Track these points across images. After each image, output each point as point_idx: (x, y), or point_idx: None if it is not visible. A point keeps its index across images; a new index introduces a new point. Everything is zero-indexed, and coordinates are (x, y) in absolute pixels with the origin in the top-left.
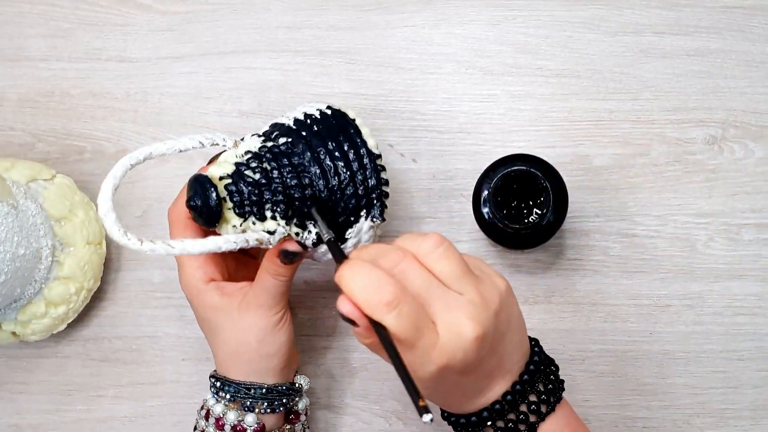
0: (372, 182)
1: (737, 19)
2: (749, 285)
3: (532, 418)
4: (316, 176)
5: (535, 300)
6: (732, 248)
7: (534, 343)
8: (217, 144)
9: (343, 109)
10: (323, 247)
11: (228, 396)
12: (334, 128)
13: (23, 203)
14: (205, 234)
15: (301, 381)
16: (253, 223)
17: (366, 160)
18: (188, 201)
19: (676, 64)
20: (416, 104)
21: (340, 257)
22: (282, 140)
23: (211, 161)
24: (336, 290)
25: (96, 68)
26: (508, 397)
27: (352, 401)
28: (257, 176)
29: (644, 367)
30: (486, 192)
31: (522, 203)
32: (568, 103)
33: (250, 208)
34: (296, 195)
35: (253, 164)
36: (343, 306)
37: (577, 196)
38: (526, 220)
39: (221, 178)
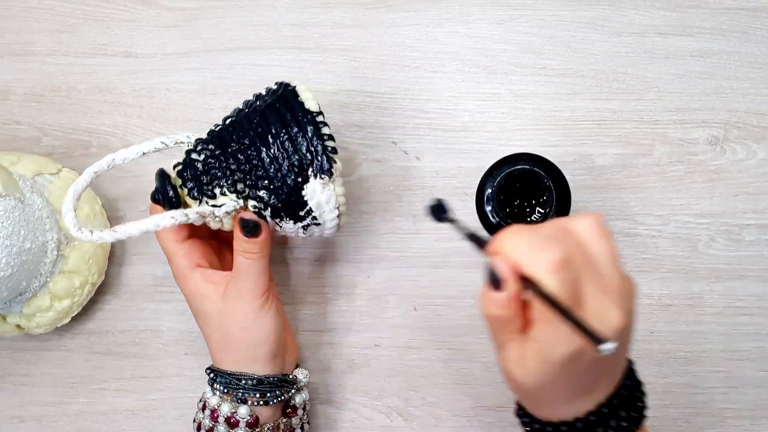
0: (311, 140)
1: (740, 20)
2: (750, 285)
3: None
4: (255, 146)
5: None
6: (733, 248)
7: (629, 362)
8: (182, 142)
9: (287, 80)
10: (290, 223)
11: (221, 387)
12: (274, 97)
13: (29, 197)
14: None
15: (299, 374)
16: (207, 203)
17: (302, 119)
18: (151, 196)
19: (680, 64)
20: (420, 102)
21: (482, 244)
22: (228, 121)
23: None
24: (338, 287)
25: (102, 63)
26: (605, 409)
27: (353, 397)
28: (202, 157)
29: (645, 367)
30: (489, 190)
31: (525, 202)
32: (572, 103)
33: (199, 189)
34: (241, 167)
35: (199, 147)
36: (500, 264)
37: (579, 195)
38: (528, 219)
39: (174, 168)
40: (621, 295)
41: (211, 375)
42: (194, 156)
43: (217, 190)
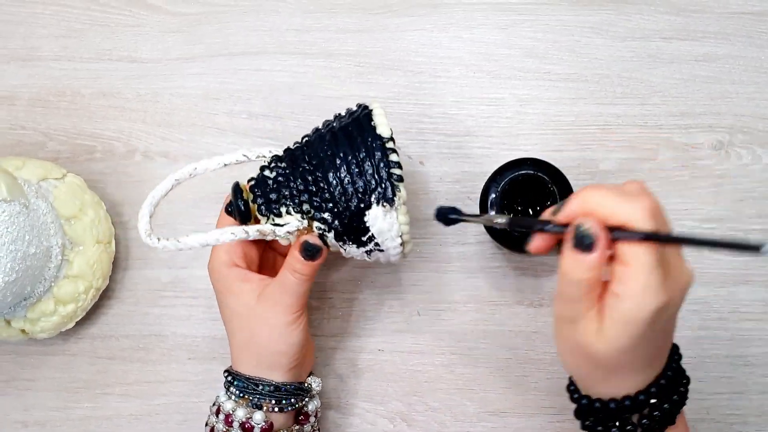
0: (377, 165)
1: (745, 24)
2: (756, 290)
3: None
4: (323, 167)
5: (541, 303)
6: (738, 254)
7: (675, 347)
8: (264, 156)
9: (366, 102)
10: (353, 246)
11: (237, 391)
12: (350, 119)
13: (34, 202)
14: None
15: (312, 382)
16: (273, 220)
17: (371, 144)
18: (225, 208)
19: (684, 69)
20: (424, 107)
21: (533, 223)
22: (304, 140)
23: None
24: (342, 292)
25: (107, 68)
26: (653, 389)
27: (358, 402)
28: (273, 174)
29: None
30: (493, 195)
31: (529, 207)
32: (576, 108)
33: (267, 206)
34: (307, 193)
35: (272, 164)
36: (589, 223)
37: None
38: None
39: (248, 182)
40: (683, 257)
41: (228, 378)
42: (267, 173)
43: (284, 209)
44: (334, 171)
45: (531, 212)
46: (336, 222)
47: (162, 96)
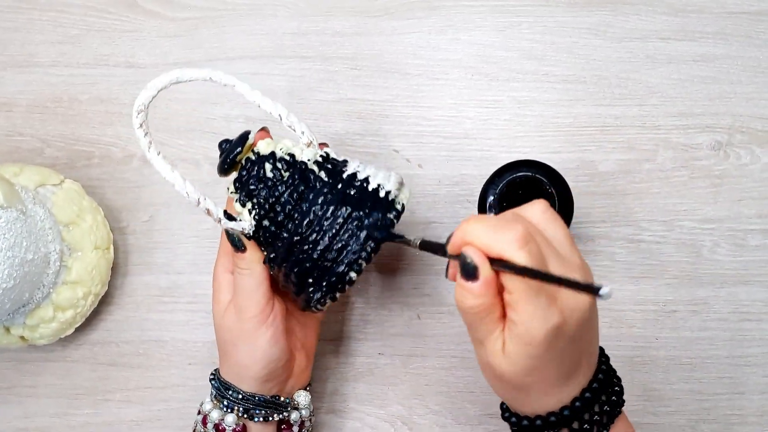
0: (345, 255)
1: (743, 24)
2: (755, 291)
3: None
4: (300, 217)
5: None
6: (738, 254)
7: (601, 350)
8: (293, 130)
9: (398, 200)
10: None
11: (214, 392)
12: (363, 203)
13: (32, 208)
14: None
15: (299, 398)
16: (236, 201)
17: (349, 246)
18: (221, 141)
19: (682, 69)
20: (422, 110)
21: (438, 247)
22: (321, 174)
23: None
24: (342, 296)
25: (104, 74)
26: (577, 403)
27: (357, 406)
28: (270, 174)
29: (650, 373)
30: (491, 198)
31: None
32: (574, 109)
33: (242, 187)
34: (274, 216)
35: (279, 165)
36: (470, 251)
37: (582, 201)
38: None
39: (253, 150)
40: (583, 270)
41: (211, 377)
42: (267, 164)
43: (249, 205)
44: (304, 230)
45: None
46: (273, 255)
47: (160, 101)
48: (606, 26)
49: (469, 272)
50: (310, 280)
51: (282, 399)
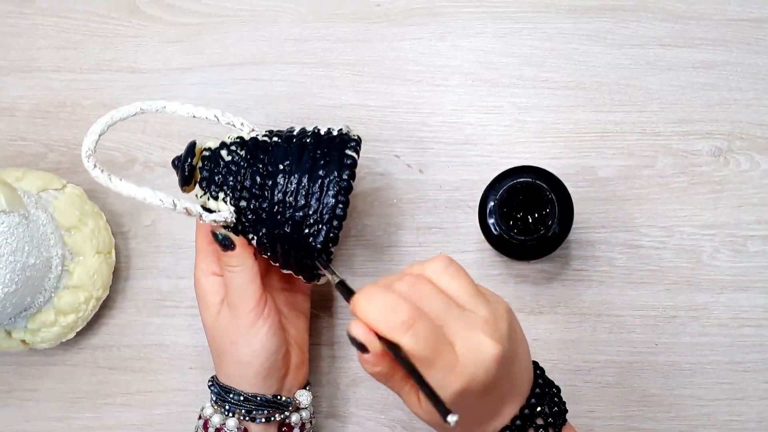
0: (323, 206)
1: (743, 31)
2: (755, 296)
3: None
4: (274, 178)
5: (541, 310)
6: (738, 260)
7: (535, 365)
8: (233, 125)
9: (352, 133)
10: (266, 256)
11: (214, 398)
12: (323, 140)
13: (34, 213)
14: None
15: (300, 396)
16: (208, 199)
17: (331, 178)
18: (173, 159)
19: (682, 76)
20: (423, 116)
21: (350, 295)
22: (274, 139)
23: None
24: (342, 300)
25: (107, 79)
26: (518, 421)
27: (357, 410)
28: (228, 158)
29: (650, 378)
30: (492, 203)
31: (528, 214)
32: (574, 115)
33: (208, 183)
34: (248, 193)
35: (233, 148)
36: (356, 329)
37: (582, 207)
38: (532, 231)
39: (204, 149)
40: (489, 323)
41: (209, 384)
42: (223, 152)
43: (221, 195)
44: (283, 187)
45: (530, 219)
46: (262, 231)
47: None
48: (606, 33)
49: (359, 346)
50: (306, 230)
51: (283, 399)
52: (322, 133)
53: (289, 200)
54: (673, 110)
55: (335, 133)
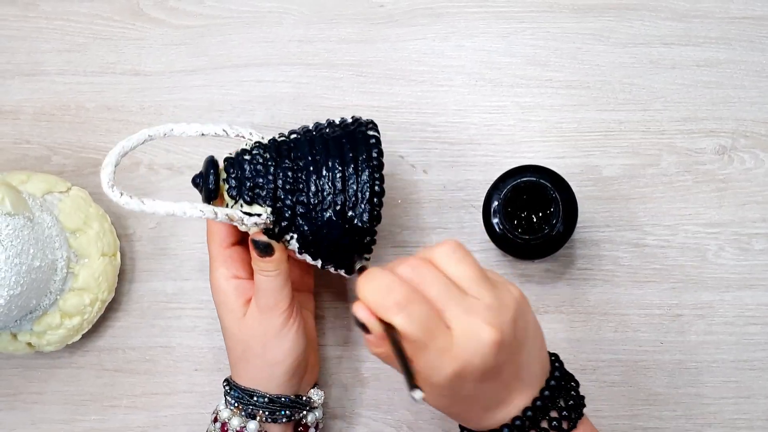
0: (362, 185)
1: (747, 29)
2: (761, 294)
3: None
4: (307, 170)
5: (546, 310)
6: (743, 258)
7: (554, 358)
8: (242, 137)
9: (364, 118)
10: (304, 254)
11: (233, 401)
12: (345, 131)
13: (39, 216)
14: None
15: (313, 395)
16: (241, 206)
17: (361, 163)
18: (192, 179)
19: (686, 74)
20: (427, 116)
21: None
22: (292, 137)
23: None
24: (347, 301)
25: (111, 82)
26: (529, 412)
27: (364, 411)
28: (254, 162)
29: (655, 377)
30: (496, 203)
31: (532, 214)
32: (578, 114)
33: (239, 190)
34: (283, 191)
35: (255, 151)
36: (358, 310)
37: (587, 206)
38: (536, 230)
39: (225, 160)
40: (491, 310)
41: (226, 387)
42: (246, 157)
43: (255, 198)
44: (317, 177)
45: (534, 219)
46: (304, 227)
47: (166, 108)
48: (609, 32)
49: (362, 326)
50: (351, 213)
51: (303, 398)
52: (337, 122)
53: (328, 187)
54: (677, 109)
55: (350, 120)
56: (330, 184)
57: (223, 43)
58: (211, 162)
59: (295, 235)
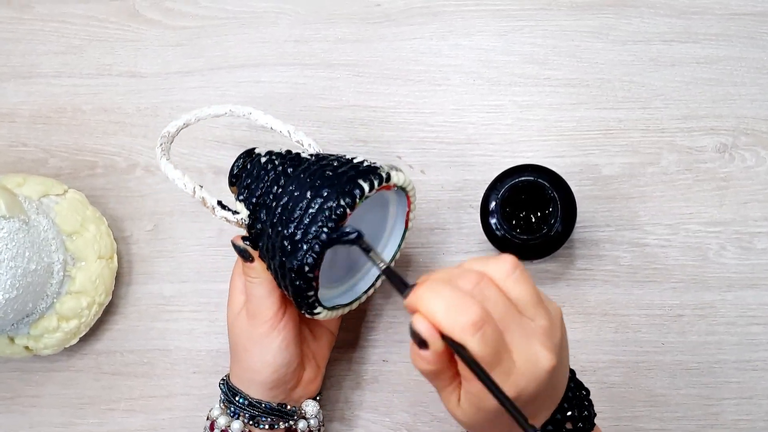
0: (315, 226)
1: (747, 26)
2: (763, 294)
3: None
4: (279, 194)
5: None
6: (744, 257)
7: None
8: (300, 143)
9: (386, 170)
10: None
11: (223, 398)
12: (344, 168)
13: (35, 219)
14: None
15: (307, 407)
16: (236, 199)
17: (322, 205)
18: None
19: (686, 72)
20: (424, 116)
21: (399, 283)
22: (312, 158)
23: None
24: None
25: (107, 84)
26: (549, 426)
27: (363, 413)
28: (262, 165)
29: (656, 378)
30: (494, 203)
31: (530, 214)
32: (577, 113)
33: (239, 185)
34: (259, 200)
35: (273, 157)
36: (420, 325)
37: (586, 205)
38: (535, 230)
39: (254, 152)
40: (547, 335)
41: (221, 383)
42: (263, 159)
43: (241, 197)
44: (284, 201)
45: (533, 218)
46: (263, 244)
47: (162, 110)
48: (608, 29)
49: (420, 342)
50: (290, 248)
51: (289, 407)
52: (355, 161)
53: (285, 214)
54: (677, 106)
55: (366, 164)
56: (288, 212)
57: (219, 43)
58: (247, 151)
59: (259, 250)
